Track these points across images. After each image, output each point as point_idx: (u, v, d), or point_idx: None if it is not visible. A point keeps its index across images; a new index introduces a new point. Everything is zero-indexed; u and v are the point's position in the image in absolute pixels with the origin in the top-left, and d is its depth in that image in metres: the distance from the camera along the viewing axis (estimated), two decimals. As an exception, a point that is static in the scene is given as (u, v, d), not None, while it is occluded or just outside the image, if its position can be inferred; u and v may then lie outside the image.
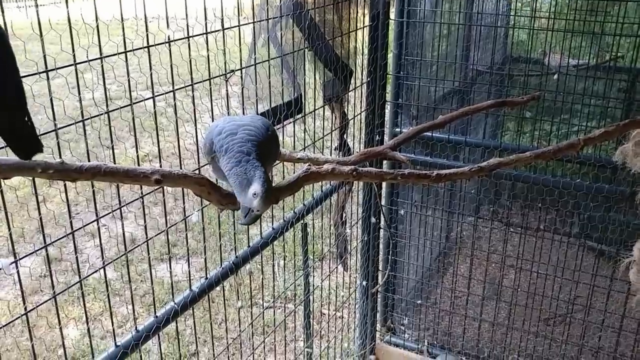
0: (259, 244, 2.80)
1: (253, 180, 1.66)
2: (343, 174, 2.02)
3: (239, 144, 1.73)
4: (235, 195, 1.70)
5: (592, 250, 4.66)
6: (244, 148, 1.73)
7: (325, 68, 3.26)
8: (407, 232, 4.35)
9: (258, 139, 1.77)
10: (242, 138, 1.75)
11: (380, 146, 2.99)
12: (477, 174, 2.26)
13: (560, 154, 2.48)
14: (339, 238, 3.85)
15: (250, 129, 1.80)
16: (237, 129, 1.78)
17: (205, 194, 1.74)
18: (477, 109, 3.28)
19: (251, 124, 1.83)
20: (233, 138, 1.75)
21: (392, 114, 4.06)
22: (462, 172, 2.23)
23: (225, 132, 1.77)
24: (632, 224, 3.58)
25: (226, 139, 1.76)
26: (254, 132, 1.78)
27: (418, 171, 2.16)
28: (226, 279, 2.61)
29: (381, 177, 2.10)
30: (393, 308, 4.74)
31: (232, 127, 1.80)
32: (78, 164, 1.55)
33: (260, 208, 1.68)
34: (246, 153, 1.73)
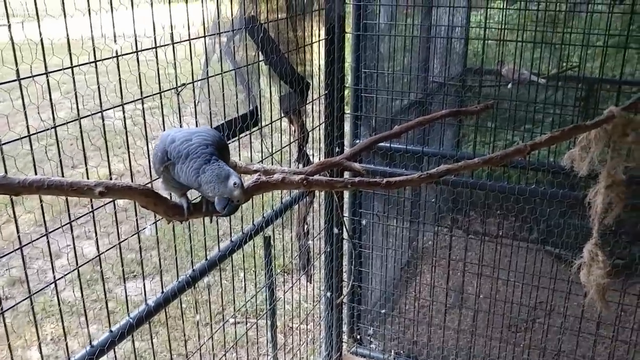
0: (216, 256, 2.80)
1: (229, 173, 1.74)
2: (293, 183, 2.04)
3: (201, 147, 1.78)
4: (210, 189, 1.76)
5: (550, 255, 4.75)
6: (207, 150, 1.78)
7: (281, 81, 3.29)
8: (370, 242, 4.38)
9: (214, 144, 1.82)
10: (199, 143, 1.80)
11: (335, 157, 3.03)
12: (426, 180, 2.30)
13: (507, 159, 2.54)
14: (301, 250, 3.87)
15: (204, 135, 1.84)
16: (191, 136, 1.82)
17: (151, 206, 1.75)
18: (431, 119, 3.34)
19: (202, 132, 1.87)
20: (190, 143, 1.79)
21: (352, 125, 4.11)
22: (412, 179, 2.28)
23: (179, 140, 1.81)
24: (586, 227, 3.65)
25: (182, 145, 1.79)
26: (209, 138, 1.83)
27: (368, 178, 2.19)
28: (183, 293, 2.61)
29: (331, 185, 2.13)
30: (359, 318, 4.76)
31: (184, 134, 1.83)
32: (21, 178, 1.55)
33: (241, 197, 1.77)
34: (210, 154, 1.78)
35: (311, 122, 3.72)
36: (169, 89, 2.39)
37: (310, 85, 3.44)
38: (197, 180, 1.75)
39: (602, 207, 2.71)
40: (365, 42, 3.99)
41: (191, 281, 2.64)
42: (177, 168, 1.78)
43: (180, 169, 1.77)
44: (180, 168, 1.77)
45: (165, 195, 1.85)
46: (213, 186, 1.73)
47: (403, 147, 3.93)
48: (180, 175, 1.78)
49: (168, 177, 1.83)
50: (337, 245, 4.12)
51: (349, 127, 4.13)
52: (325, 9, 3.51)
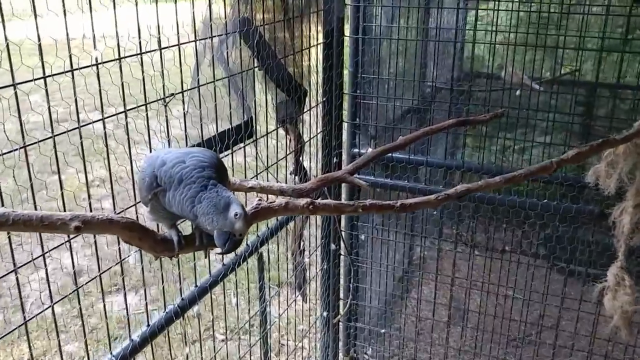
0: (207, 283, 2.55)
1: (230, 202, 1.50)
2: (298, 208, 1.80)
3: (197, 170, 1.54)
4: (208, 222, 1.51)
5: (560, 272, 4.54)
6: (203, 174, 1.53)
7: (277, 88, 3.04)
8: (368, 257, 4.14)
9: (212, 166, 1.57)
10: (194, 165, 1.55)
11: (337, 171, 2.78)
12: (443, 202, 2.07)
13: (531, 176, 2.32)
14: (297, 268, 3.62)
15: (199, 156, 1.59)
16: (184, 157, 1.57)
17: (135, 241, 1.49)
18: (438, 129, 3.11)
19: (197, 152, 1.62)
20: (183, 166, 1.55)
21: (350, 134, 3.87)
22: (428, 200, 2.04)
23: (171, 162, 1.56)
24: (601, 243, 3.45)
25: (174, 169, 1.54)
26: (206, 160, 1.58)
27: (380, 202, 1.95)
28: (171, 325, 2.35)
29: (340, 210, 1.89)
30: (355, 337, 4.52)
31: (176, 156, 1.58)
32: (-23, 212, 1.29)
33: (243, 230, 1.52)
34: (207, 178, 1.53)
35: (308, 131, 3.48)
36: (156, 100, 2.13)
37: (307, 93, 3.19)
38: (193, 211, 1.50)
39: (629, 228, 2.49)
40: (364, 47, 3.75)
41: (179, 311, 2.38)
42: (169, 196, 1.52)
43: (173, 196, 1.51)
44: (173, 196, 1.51)
45: (151, 225, 1.59)
46: (211, 218, 1.48)
47: (405, 157, 3.70)
48: (173, 205, 1.53)
49: (157, 207, 1.58)
50: (334, 262, 3.87)
51: (346, 136, 3.89)
52: (324, 11, 3.27)
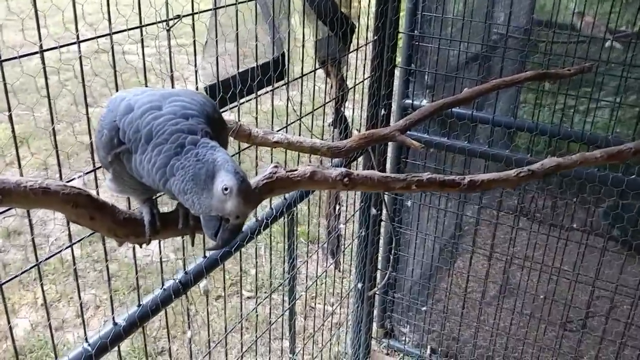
0: (218, 254, 2.09)
1: (217, 168, 0.99)
2: (328, 180, 1.31)
3: (173, 122, 1.04)
4: (189, 203, 1.03)
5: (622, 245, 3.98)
6: (183, 126, 1.04)
7: (319, 20, 2.50)
8: (412, 225, 3.64)
9: (201, 113, 1.08)
10: (174, 113, 1.05)
11: (385, 127, 2.27)
12: (526, 180, 1.55)
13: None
14: (331, 234, 3.15)
15: (183, 101, 1.08)
16: (161, 101, 1.07)
17: (85, 221, 1.02)
18: (512, 82, 2.56)
19: (182, 94, 1.11)
20: (157, 115, 1.05)
21: (403, 82, 3.31)
22: (507, 178, 1.52)
23: (141, 108, 1.06)
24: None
25: (145, 118, 1.05)
26: (192, 105, 1.08)
27: (442, 177, 1.44)
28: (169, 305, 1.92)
29: (386, 185, 1.38)
30: (392, 310, 4.07)
31: (150, 99, 1.08)
32: None
33: (240, 210, 1.01)
34: (188, 132, 1.03)
35: (353, 75, 2.94)
36: (156, 22, 1.64)
37: (355, 28, 2.65)
38: (167, 187, 1.02)
39: None
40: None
41: (181, 288, 1.94)
42: (135, 160, 1.05)
43: (140, 162, 1.04)
44: (140, 161, 1.04)
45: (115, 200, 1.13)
46: (191, 199, 1.01)
47: (467, 112, 3.13)
48: (142, 173, 1.05)
49: (121, 174, 1.10)
50: (373, 229, 3.38)
51: (398, 85, 3.34)
52: None
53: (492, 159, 3.08)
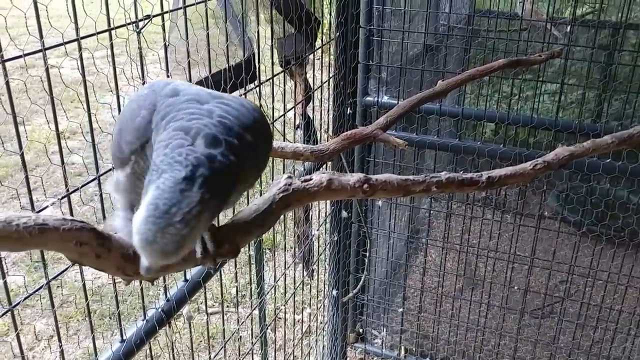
0: (200, 276, 1.92)
1: (149, 187, 0.83)
2: (347, 188, 1.17)
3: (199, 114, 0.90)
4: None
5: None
6: (205, 122, 0.89)
7: (281, 17, 2.36)
8: (381, 225, 3.55)
9: (242, 126, 0.92)
10: (211, 112, 0.92)
11: (366, 127, 2.14)
12: (542, 172, 1.46)
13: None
14: (301, 239, 3.01)
15: (229, 106, 0.94)
16: (209, 99, 0.94)
17: (90, 260, 0.85)
18: (487, 71, 2.48)
19: (232, 101, 0.96)
20: (197, 107, 0.92)
21: (362, 79, 3.20)
22: (523, 171, 1.42)
23: (186, 97, 0.93)
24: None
25: (183, 104, 0.92)
26: (234, 114, 0.93)
27: (460, 176, 1.33)
28: (152, 337, 1.73)
29: (407, 189, 1.25)
30: (362, 312, 3.96)
31: (198, 92, 0.95)
32: None
33: (144, 268, 0.85)
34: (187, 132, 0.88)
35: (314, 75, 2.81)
36: (125, 24, 1.46)
37: (321, 24, 2.52)
38: None
39: None
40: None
41: (165, 318, 1.76)
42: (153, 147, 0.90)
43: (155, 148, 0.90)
44: (155, 148, 0.90)
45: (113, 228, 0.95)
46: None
47: (435, 107, 3.06)
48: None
49: (141, 173, 0.94)
50: (345, 232, 3.26)
51: (359, 82, 3.23)
52: None
53: (466, 151, 3.02)
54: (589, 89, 4.51)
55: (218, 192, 0.84)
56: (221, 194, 0.86)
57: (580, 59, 4.10)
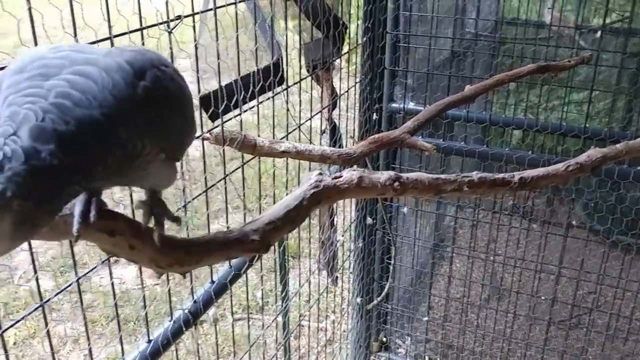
0: (228, 276, 1.92)
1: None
2: (377, 186, 1.16)
3: (35, 95, 0.77)
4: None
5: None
6: (37, 106, 0.75)
7: (310, 22, 2.36)
8: (407, 233, 3.52)
9: (91, 99, 0.77)
10: (52, 89, 0.78)
11: (394, 130, 2.14)
12: (575, 174, 1.43)
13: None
14: (328, 246, 2.99)
15: (89, 72, 0.79)
16: (61, 70, 0.79)
17: (124, 251, 0.85)
18: (515, 76, 2.47)
19: (97, 61, 0.81)
20: (40, 84, 0.79)
21: (388, 85, 3.19)
22: (556, 173, 1.40)
23: (32, 71, 0.80)
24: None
25: (24, 82, 0.79)
26: (91, 84, 0.78)
27: (491, 175, 1.31)
28: (179, 337, 1.73)
29: (438, 188, 1.24)
30: (385, 320, 3.93)
31: (48, 63, 0.81)
32: None
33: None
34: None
35: (340, 80, 2.81)
36: (157, 23, 1.47)
37: (348, 29, 2.52)
38: None
39: None
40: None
41: (191, 319, 1.76)
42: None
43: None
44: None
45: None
46: None
47: (462, 113, 3.03)
48: None
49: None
50: (369, 239, 3.25)
51: (385, 87, 3.22)
52: None
53: (494, 158, 2.99)
54: (617, 96, 4.45)
55: (36, 194, 0.71)
56: (44, 195, 0.72)
57: (609, 65, 4.05)
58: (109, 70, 0.79)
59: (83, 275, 1.39)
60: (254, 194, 3.13)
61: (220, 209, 3.82)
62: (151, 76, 0.83)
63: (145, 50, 0.88)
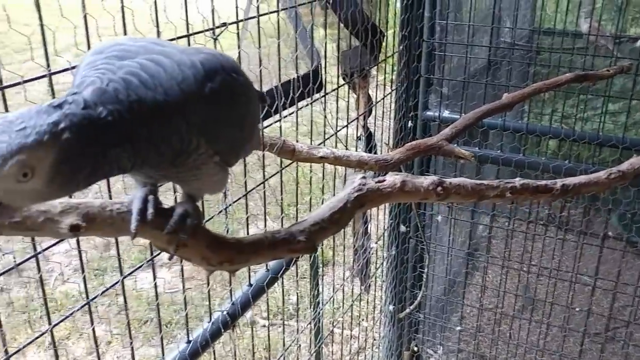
0: (265, 279, 1.95)
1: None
2: (420, 190, 1.17)
3: (105, 69, 0.82)
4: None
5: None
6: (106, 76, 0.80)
7: (348, 30, 2.39)
8: (441, 241, 3.51)
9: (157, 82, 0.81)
10: (123, 67, 0.82)
11: (431, 137, 2.14)
12: (617, 182, 1.42)
13: None
14: (362, 253, 3.00)
15: (160, 61, 0.83)
16: (137, 55, 0.84)
17: (179, 248, 0.88)
18: (553, 84, 2.46)
19: (172, 54, 0.85)
20: (113, 62, 0.83)
21: (424, 93, 3.20)
22: (597, 180, 1.39)
23: (110, 52, 0.85)
24: None
25: (101, 61, 0.84)
26: (160, 69, 0.82)
27: (534, 182, 1.31)
28: (217, 339, 1.76)
29: (480, 193, 1.25)
30: (417, 331, 3.91)
31: (126, 48, 0.86)
32: None
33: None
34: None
35: (376, 88, 2.83)
36: (203, 30, 1.51)
37: (386, 37, 2.54)
38: None
39: None
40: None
41: (229, 320, 1.79)
42: None
43: None
44: None
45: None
46: None
47: (498, 122, 3.02)
48: None
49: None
50: (403, 247, 3.25)
51: (420, 95, 3.22)
52: None
53: (530, 167, 2.98)
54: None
55: (84, 139, 0.74)
56: (90, 144, 0.75)
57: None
58: (181, 64, 0.83)
59: (129, 274, 1.43)
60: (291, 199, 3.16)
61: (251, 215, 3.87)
62: (220, 80, 0.86)
63: (220, 54, 0.92)
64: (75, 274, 5.30)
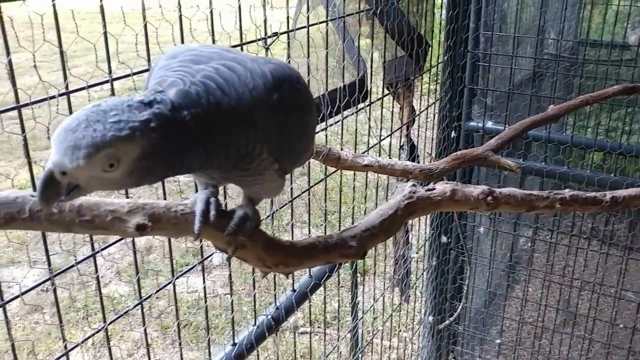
0: (308, 285, 1.97)
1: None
2: (470, 200, 1.18)
3: (183, 72, 0.85)
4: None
5: None
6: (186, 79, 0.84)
7: (394, 40, 2.41)
8: (482, 253, 3.48)
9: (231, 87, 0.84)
10: (200, 71, 0.86)
11: (477, 147, 2.14)
12: (670, 196, 1.41)
13: None
14: (398, 262, 3.01)
15: (234, 67, 0.87)
16: (211, 60, 0.87)
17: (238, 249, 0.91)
18: (600, 97, 2.43)
19: (243, 61, 0.89)
20: (189, 66, 0.87)
21: (467, 103, 3.19)
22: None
23: (185, 56, 0.89)
24: None
25: (176, 64, 0.88)
26: (233, 76, 0.86)
27: (584, 194, 1.31)
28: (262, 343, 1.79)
29: (530, 204, 1.25)
30: (455, 342, 3.88)
31: (199, 53, 0.89)
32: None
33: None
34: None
35: (419, 98, 2.84)
36: (255, 39, 1.55)
37: (431, 47, 2.55)
38: None
39: None
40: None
41: (273, 325, 1.81)
42: None
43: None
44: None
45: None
46: None
47: (543, 134, 3.00)
48: None
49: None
50: (444, 258, 3.23)
51: (463, 106, 3.22)
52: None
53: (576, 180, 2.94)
54: None
55: (167, 139, 0.77)
56: (172, 143, 0.78)
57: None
58: (253, 72, 0.87)
59: (181, 274, 1.47)
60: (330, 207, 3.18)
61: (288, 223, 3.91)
62: (287, 90, 0.90)
63: (287, 66, 0.95)
64: (117, 276, 5.41)
